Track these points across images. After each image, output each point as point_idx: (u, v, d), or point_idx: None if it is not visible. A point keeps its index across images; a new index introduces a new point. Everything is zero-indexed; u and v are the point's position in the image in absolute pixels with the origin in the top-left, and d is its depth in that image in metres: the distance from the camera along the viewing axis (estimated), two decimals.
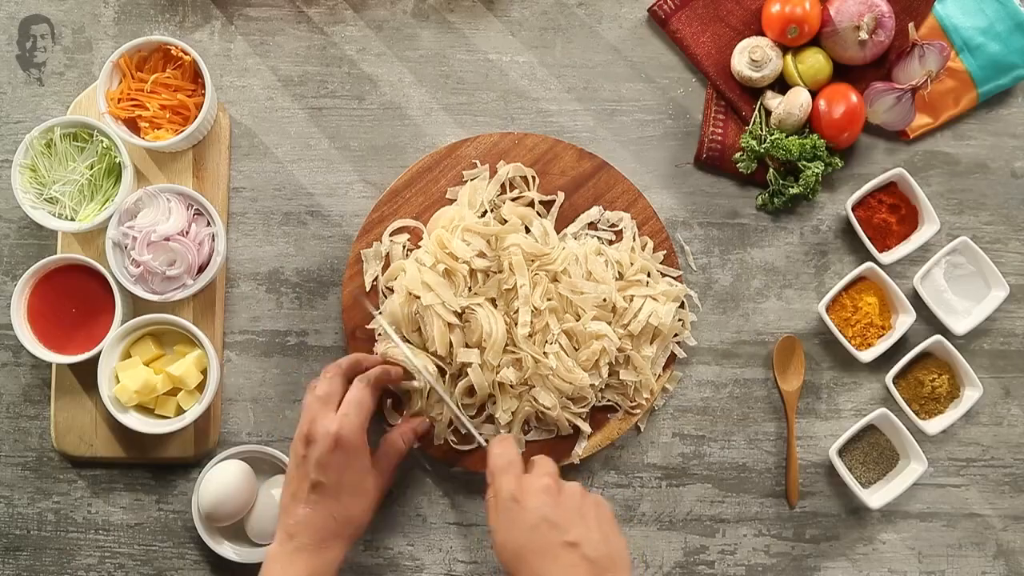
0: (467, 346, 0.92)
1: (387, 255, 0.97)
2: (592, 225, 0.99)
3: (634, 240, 0.98)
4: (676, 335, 0.99)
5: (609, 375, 0.95)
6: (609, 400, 0.97)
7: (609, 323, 0.94)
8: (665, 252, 0.99)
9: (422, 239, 0.97)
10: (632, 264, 0.96)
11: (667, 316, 0.95)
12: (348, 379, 0.87)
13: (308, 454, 0.82)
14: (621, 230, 0.99)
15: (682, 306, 0.99)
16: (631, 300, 0.95)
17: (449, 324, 0.91)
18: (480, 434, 0.92)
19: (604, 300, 0.93)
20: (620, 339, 0.94)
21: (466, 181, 0.98)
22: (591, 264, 0.94)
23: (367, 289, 0.97)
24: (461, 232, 0.93)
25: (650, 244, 0.98)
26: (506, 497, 0.78)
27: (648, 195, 1.00)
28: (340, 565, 0.83)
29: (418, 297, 0.91)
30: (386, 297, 0.97)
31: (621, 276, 0.96)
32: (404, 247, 0.97)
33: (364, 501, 0.84)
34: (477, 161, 0.99)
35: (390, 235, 0.98)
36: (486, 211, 0.97)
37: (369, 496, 0.85)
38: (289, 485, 0.84)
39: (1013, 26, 1.01)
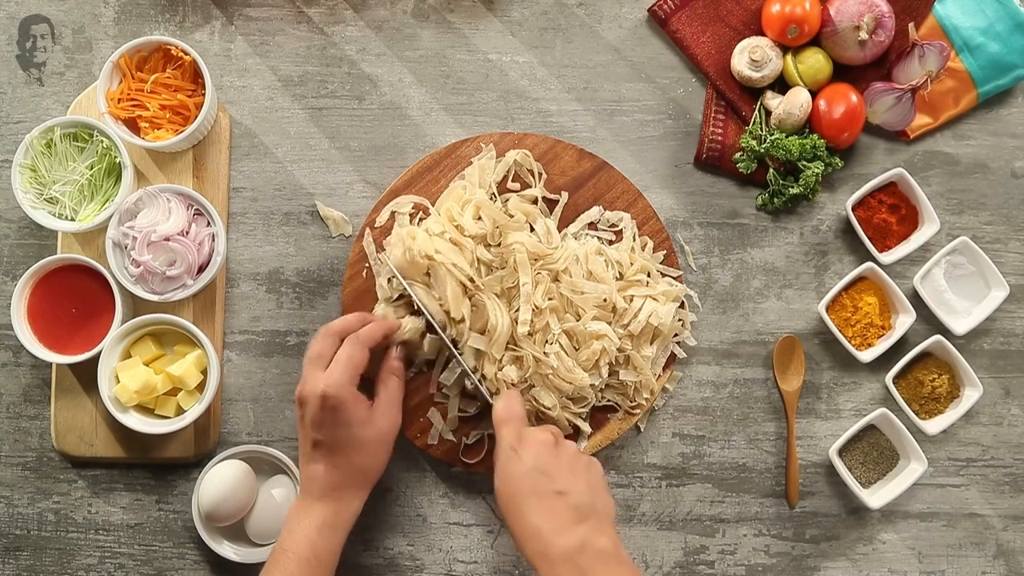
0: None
1: (392, 219, 0.98)
2: (592, 225, 0.99)
3: (634, 240, 0.98)
4: (676, 335, 0.99)
5: (609, 375, 0.95)
6: (609, 400, 0.97)
7: (609, 323, 0.94)
8: (665, 252, 0.99)
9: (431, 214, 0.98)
10: (632, 264, 0.96)
11: (667, 316, 0.95)
12: (340, 339, 0.89)
13: (303, 415, 0.85)
14: (621, 230, 0.99)
15: (682, 306, 0.99)
16: (631, 300, 0.95)
17: (464, 287, 0.92)
18: (486, 390, 0.93)
19: (604, 300, 0.93)
20: (620, 339, 0.94)
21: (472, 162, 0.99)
22: (591, 264, 0.94)
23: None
24: (473, 208, 0.94)
25: (650, 244, 0.98)
26: (506, 446, 0.83)
27: (648, 195, 1.00)
28: (357, 512, 0.87)
29: (431, 258, 0.92)
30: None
31: (621, 276, 0.96)
32: (414, 217, 0.98)
33: (368, 450, 0.86)
34: (482, 144, 0.99)
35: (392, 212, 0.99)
36: (494, 194, 0.97)
37: (375, 444, 0.87)
38: (300, 445, 0.87)
39: (1013, 26, 1.01)
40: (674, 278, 0.99)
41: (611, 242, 0.98)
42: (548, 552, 0.77)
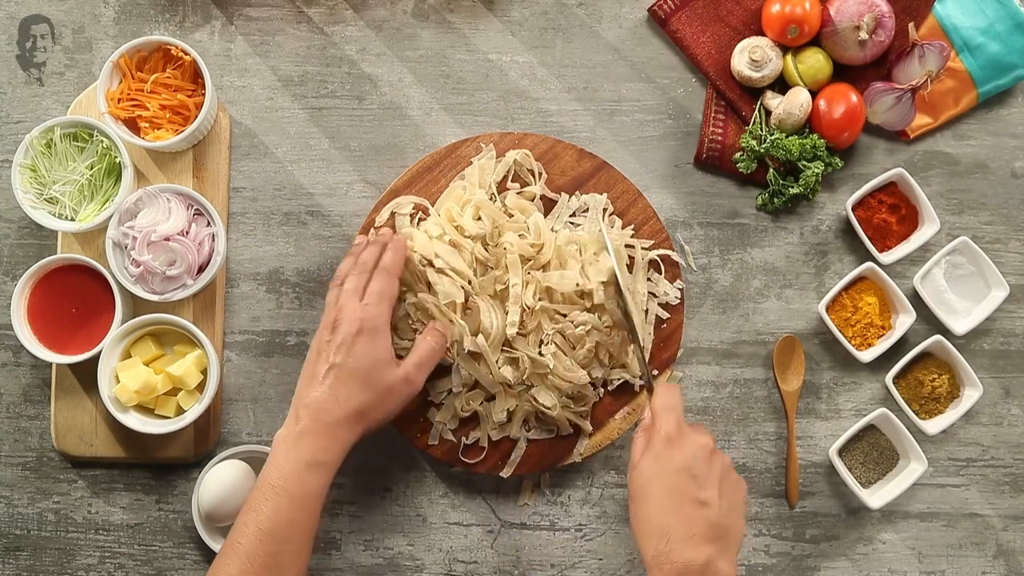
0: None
1: (392, 219, 0.98)
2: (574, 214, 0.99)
3: (604, 219, 0.97)
4: (655, 296, 0.98)
5: (612, 367, 0.95)
6: (617, 378, 0.96)
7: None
8: (665, 252, 0.99)
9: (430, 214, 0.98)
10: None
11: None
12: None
13: (332, 338, 0.84)
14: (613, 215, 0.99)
15: (659, 271, 0.99)
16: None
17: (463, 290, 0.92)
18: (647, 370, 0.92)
19: (577, 285, 0.92)
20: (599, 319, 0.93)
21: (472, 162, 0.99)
22: (561, 254, 0.93)
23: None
24: (473, 208, 0.93)
25: (619, 223, 0.98)
26: (663, 435, 0.81)
27: (648, 195, 1.00)
28: (345, 453, 0.83)
29: (430, 263, 0.92)
30: None
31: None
32: (414, 217, 0.98)
33: (379, 396, 0.84)
34: (482, 144, 0.99)
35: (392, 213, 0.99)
36: (493, 195, 0.97)
37: (387, 392, 0.84)
38: (305, 372, 0.85)
39: (1013, 26, 1.01)
40: (672, 269, 0.99)
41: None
42: (670, 558, 0.75)
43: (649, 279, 0.99)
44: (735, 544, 0.79)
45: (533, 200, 0.98)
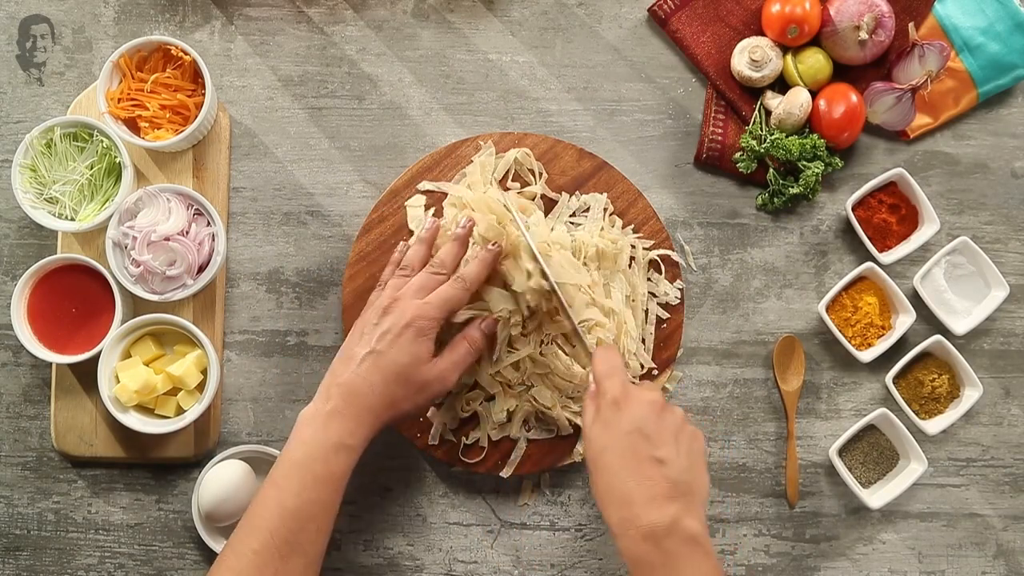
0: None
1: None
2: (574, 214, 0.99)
3: (604, 218, 0.97)
4: (655, 296, 0.98)
5: None
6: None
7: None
8: (665, 252, 0.99)
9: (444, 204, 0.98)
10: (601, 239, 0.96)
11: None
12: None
13: (379, 323, 0.83)
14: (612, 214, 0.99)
15: (659, 271, 0.99)
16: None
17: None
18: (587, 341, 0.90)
19: (583, 288, 0.92)
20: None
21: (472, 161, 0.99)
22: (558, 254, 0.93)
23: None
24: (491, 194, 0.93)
25: (619, 223, 0.98)
26: (609, 399, 0.79)
27: (648, 195, 1.00)
28: (369, 439, 0.83)
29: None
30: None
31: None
32: (428, 209, 0.98)
33: (410, 390, 0.83)
34: (481, 143, 0.99)
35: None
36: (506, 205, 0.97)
37: (418, 389, 0.84)
38: (344, 351, 0.84)
39: (1013, 26, 1.01)
40: (672, 268, 0.99)
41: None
42: (635, 523, 0.74)
43: (649, 279, 0.99)
44: (701, 499, 0.78)
45: (534, 200, 0.98)
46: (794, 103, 0.98)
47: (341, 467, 0.81)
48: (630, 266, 0.98)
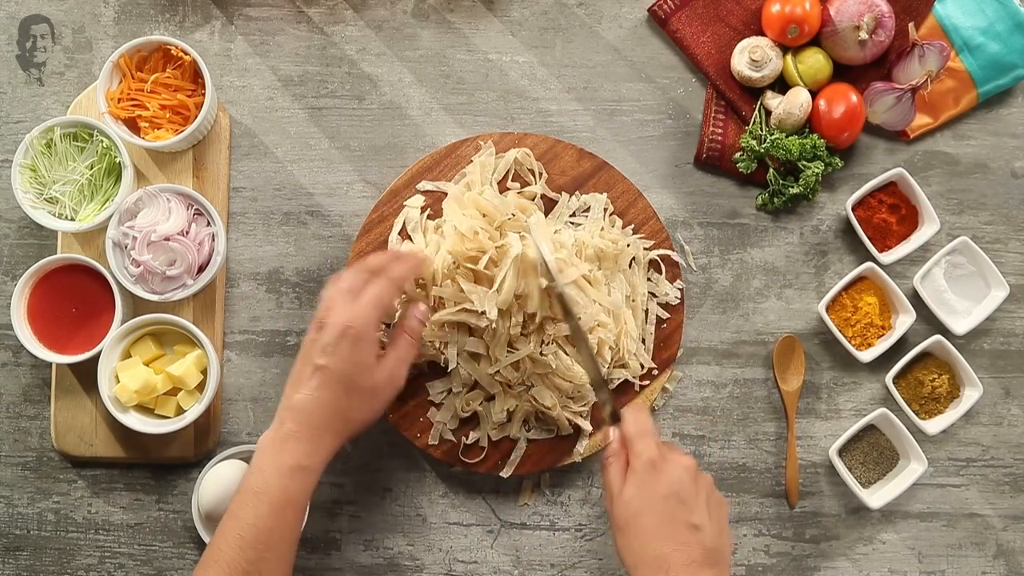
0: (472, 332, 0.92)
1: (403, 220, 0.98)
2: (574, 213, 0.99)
3: (604, 218, 0.98)
4: (655, 296, 0.98)
5: (612, 366, 0.95)
6: (618, 378, 0.96)
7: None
8: (665, 252, 0.99)
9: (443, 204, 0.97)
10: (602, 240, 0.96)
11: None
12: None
13: (317, 338, 0.81)
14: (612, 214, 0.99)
15: (659, 271, 0.99)
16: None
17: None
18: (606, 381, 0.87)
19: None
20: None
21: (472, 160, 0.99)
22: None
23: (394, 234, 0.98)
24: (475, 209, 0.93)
25: (619, 223, 0.98)
26: (645, 461, 0.79)
27: (648, 195, 1.00)
28: (329, 458, 0.82)
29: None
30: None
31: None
32: (424, 212, 0.98)
33: (360, 397, 0.82)
34: (481, 143, 0.99)
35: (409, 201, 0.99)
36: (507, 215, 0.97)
37: (371, 395, 0.83)
38: (293, 372, 0.83)
39: (1013, 26, 1.01)
40: (671, 266, 0.99)
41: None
42: None
43: (649, 279, 0.99)
44: (728, 564, 0.79)
45: (534, 200, 0.98)
46: (794, 103, 0.98)
47: (299, 490, 0.80)
48: (630, 266, 0.98)
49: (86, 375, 0.96)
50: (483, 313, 0.89)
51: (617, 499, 0.79)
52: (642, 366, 0.97)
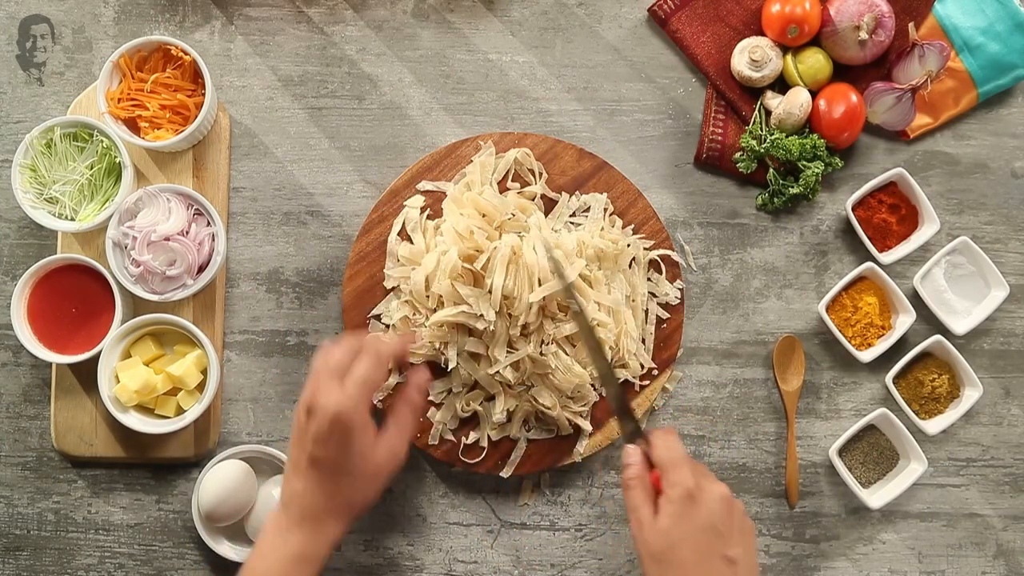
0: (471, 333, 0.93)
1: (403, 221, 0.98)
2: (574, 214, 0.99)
3: (604, 218, 0.98)
4: (655, 296, 0.98)
5: (613, 367, 0.95)
6: (617, 378, 0.96)
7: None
8: (665, 252, 0.99)
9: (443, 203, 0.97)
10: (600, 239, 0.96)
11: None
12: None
13: (308, 426, 0.78)
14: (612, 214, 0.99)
15: (659, 271, 0.99)
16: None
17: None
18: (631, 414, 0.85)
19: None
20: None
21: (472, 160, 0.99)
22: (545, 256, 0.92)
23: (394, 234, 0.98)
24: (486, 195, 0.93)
25: (619, 223, 0.98)
26: (682, 492, 0.76)
27: (648, 195, 1.00)
28: (335, 543, 0.81)
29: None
30: (399, 261, 0.97)
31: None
32: (423, 212, 0.98)
33: (361, 483, 0.80)
34: (481, 143, 0.99)
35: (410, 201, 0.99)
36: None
37: (373, 476, 0.81)
38: (291, 453, 0.81)
39: (1013, 26, 1.01)
40: (671, 267, 0.99)
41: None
42: None
43: (649, 279, 0.99)
44: None
45: (534, 200, 0.98)
46: (794, 103, 0.98)
47: None
48: (630, 266, 0.98)
49: (86, 375, 0.96)
50: (481, 316, 0.89)
51: (649, 528, 0.77)
52: (642, 366, 0.97)
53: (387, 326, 0.96)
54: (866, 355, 0.98)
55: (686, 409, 1.01)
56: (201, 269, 0.94)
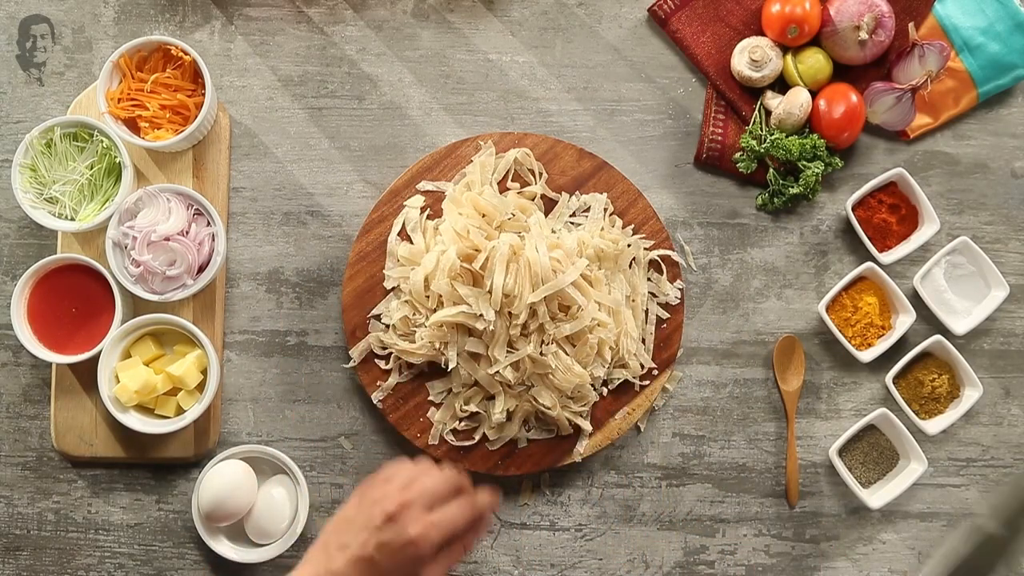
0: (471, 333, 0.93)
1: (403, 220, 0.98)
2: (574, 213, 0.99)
3: (604, 218, 0.98)
4: (655, 296, 0.98)
5: (612, 366, 0.95)
6: (618, 378, 0.96)
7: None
8: (665, 252, 0.99)
9: (443, 203, 0.97)
10: (601, 239, 0.96)
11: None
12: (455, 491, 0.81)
13: (382, 528, 0.76)
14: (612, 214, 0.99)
15: (659, 271, 0.99)
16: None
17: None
18: None
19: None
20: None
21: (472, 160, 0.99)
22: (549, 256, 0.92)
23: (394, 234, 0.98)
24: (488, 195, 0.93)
25: (619, 223, 0.98)
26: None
27: (648, 195, 1.00)
28: None
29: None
30: (399, 262, 0.97)
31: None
32: (423, 212, 0.98)
33: None
34: (481, 143, 0.99)
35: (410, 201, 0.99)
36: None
37: None
38: (338, 528, 0.78)
39: (1013, 26, 1.01)
40: (672, 267, 0.99)
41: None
42: None
43: (649, 279, 0.99)
44: None
45: (534, 199, 0.98)
46: (794, 103, 0.98)
47: None
48: (630, 266, 0.98)
49: (86, 375, 0.96)
50: (481, 315, 0.89)
51: None
52: (642, 366, 0.97)
53: (387, 326, 0.96)
54: (866, 355, 0.98)
55: (686, 409, 1.01)
56: (201, 269, 0.94)
